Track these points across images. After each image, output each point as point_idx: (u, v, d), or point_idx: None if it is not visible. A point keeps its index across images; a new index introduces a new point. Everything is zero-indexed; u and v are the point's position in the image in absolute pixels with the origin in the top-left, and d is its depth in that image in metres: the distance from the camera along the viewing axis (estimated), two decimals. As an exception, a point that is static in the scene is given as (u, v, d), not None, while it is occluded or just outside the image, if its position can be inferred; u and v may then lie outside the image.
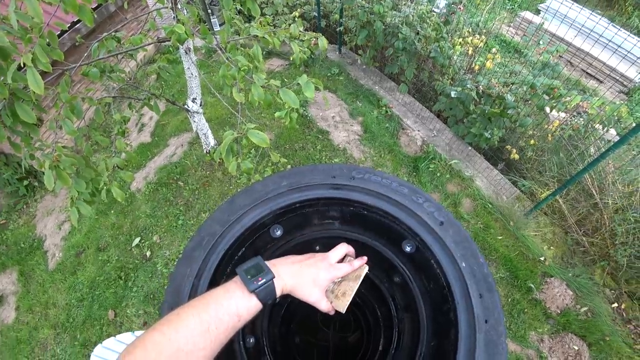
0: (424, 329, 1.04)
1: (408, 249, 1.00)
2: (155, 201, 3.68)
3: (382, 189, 0.90)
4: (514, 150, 3.31)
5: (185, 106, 3.19)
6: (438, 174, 3.51)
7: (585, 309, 2.77)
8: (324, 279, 0.75)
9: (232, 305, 0.63)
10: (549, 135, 3.32)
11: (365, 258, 0.86)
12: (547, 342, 2.71)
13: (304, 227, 1.20)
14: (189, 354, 0.57)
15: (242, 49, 2.38)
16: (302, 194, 0.92)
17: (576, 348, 2.63)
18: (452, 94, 3.30)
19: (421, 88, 4.16)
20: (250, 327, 1.41)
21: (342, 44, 4.54)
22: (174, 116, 4.28)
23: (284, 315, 1.82)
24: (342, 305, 0.78)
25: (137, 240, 3.44)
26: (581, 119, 3.23)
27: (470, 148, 3.61)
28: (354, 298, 0.81)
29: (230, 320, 0.62)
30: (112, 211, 3.74)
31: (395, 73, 3.94)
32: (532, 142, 3.37)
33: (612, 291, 2.88)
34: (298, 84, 1.69)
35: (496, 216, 3.23)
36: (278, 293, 0.68)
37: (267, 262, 0.71)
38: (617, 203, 2.84)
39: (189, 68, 2.97)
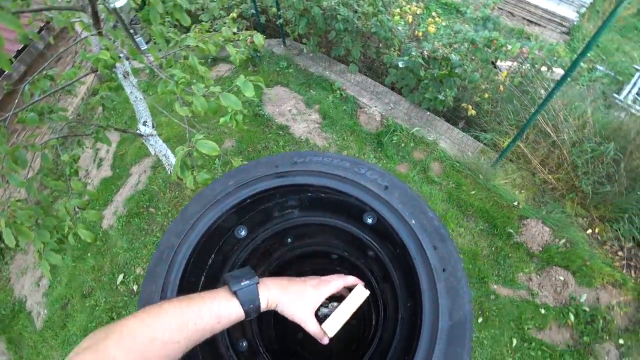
0: (399, 293, 1.07)
1: (370, 220, 1.02)
2: (130, 233, 3.58)
3: (325, 168, 0.91)
4: (470, 107, 3.40)
5: (138, 131, 3.10)
6: (402, 145, 3.57)
7: (563, 241, 2.91)
8: (311, 295, 0.73)
9: (215, 305, 0.62)
10: (500, 85, 3.43)
11: (362, 282, 0.84)
12: (535, 279, 2.83)
13: (266, 222, 1.20)
14: (163, 344, 0.56)
15: (183, 61, 2.32)
16: (250, 189, 0.92)
17: (562, 278, 2.76)
18: (400, 65, 3.35)
19: (371, 65, 4.19)
20: (241, 332, 1.40)
21: (285, 36, 4.50)
22: (130, 144, 4.15)
23: (276, 316, 1.82)
24: (332, 328, 0.75)
25: (120, 277, 3.35)
26: (527, 65, 3.35)
27: (428, 113, 3.68)
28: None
29: (210, 320, 0.61)
30: (89, 254, 3.62)
31: (343, 55, 3.95)
32: (485, 95, 3.47)
33: (584, 219, 3.03)
34: (237, 86, 1.67)
35: (465, 173, 3.33)
36: (262, 304, 0.67)
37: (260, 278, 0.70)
38: (572, 137, 2.97)
39: (131, 92, 2.87)
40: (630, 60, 5.55)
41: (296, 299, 0.71)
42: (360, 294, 0.78)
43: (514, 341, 2.63)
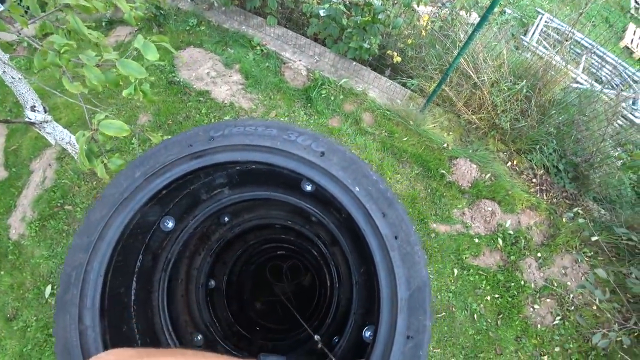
0: (350, 258, 1.04)
1: (308, 188, 0.93)
2: (49, 239, 3.13)
3: (248, 139, 0.79)
4: (395, 54, 3.38)
5: (27, 119, 2.58)
6: (332, 98, 3.48)
7: (488, 175, 3.17)
8: None
9: None
10: (422, 30, 3.43)
11: None
12: (467, 213, 3.09)
13: (194, 207, 1.06)
14: None
15: (65, 26, 1.89)
16: (162, 178, 0.77)
17: (490, 209, 3.05)
18: (322, 13, 3.16)
19: (290, 16, 3.91)
20: (192, 325, 1.29)
21: (191, -10, 3.97)
22: (22, 135, 3.50)
23: (228, 294, 1.74)
24: None
25: (48, 288, 2.96)
26: (446, 9, 3.37)
27: (355, 63, 3.60)
28: (290, 246, 0.73)
29: None
30: (2, 272, 3.13)
31: (258, 7, 3.61)
32: (409, 41, 3.46)
33: (505, 153, 3.32)
34: (136, 49, 1.39)
35: (396, 120, 3.39)
36: None
37: None
38: (491, 78, 3.13)
39: (4, 72, 2.33)
40: (534, 3, 5.96)
41: None
42: None
43: (455, 271, 2.90)
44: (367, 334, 0.89)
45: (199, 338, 1.26)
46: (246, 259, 1.93)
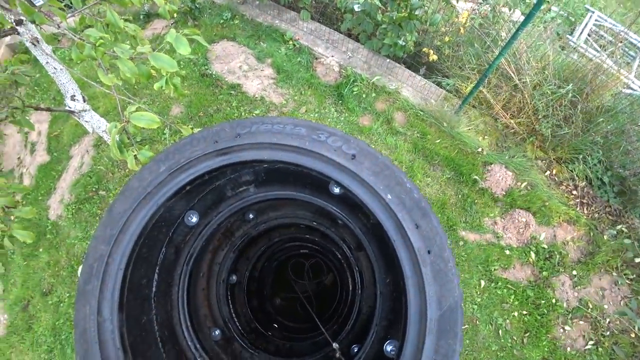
0: (376, 266, 0.98)
1: (337, 190, 0.89)
2: (83, 221, 3.28)
3: (276, 137, 0.75)
4: (431, 52, 3.25)
5: (67, 108, 2.69)
6: (364, 95, 3.40)
7: (524, 184, 3.00)
8: None
9: None
10: (461, 28, 3.28)
11: None
12: (499, 223, 2.93)
13: (219, 203, 1.04)
14: None
15: (102, 19, 1.94)
16: (186, 174, 0.75)
17: (524, 220, 2.88)
18: (356, 8, 3.08)
19: (324, 10, 3.85)
20: (212, 320, 1.29)
21: (227, -17, 3.99)
22: (64, 122, 3.67)
23: (249, 289, 1.73)
24: None
25: (81, 268, 3.10)
26: (487, 5, 3.20)
27: (388, 60, 3.50)
28: (313, 246, 0.69)
29: None
30: (41, 250, 3.32)
31: (292, 1, 3.58)
32: (446, 39, 3.32)
33: (543, 161, 3.12)
34: (169, 43, 1.40)
35: (429, 121, 3.26)
36: None
37: None
38: (533, 80, 2.95)
39: (47, 62, 2.44)
40: (583, 0, 5.56)
41: None
42: None
43: (482, 282, 2.76)
44: (389, 348, 0.84)
45: (216, 333, 1.26)
46: (269, 255, 1.92)
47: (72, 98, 2.65)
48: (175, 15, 4.06)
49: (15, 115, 2.24)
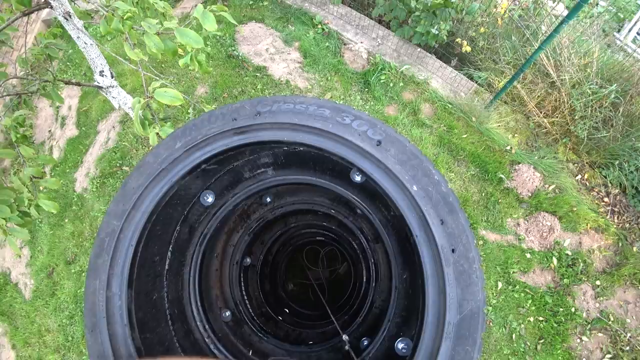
0: (394, 261, 0.95)
1: (358, 178, 0.85)
2: (107, 195, 3.39)
3: (297, 118, 0.72)
4: (465, 43, 3.10)
5: (96, 83, 2.74)
6: (391, 84, 3.30)
7: (553, 186, 2.85)
8: None
9: None
10: (499, 19, 3.10)
11: None
12: (522, 225, 2.82)
13: (235, 185, 1.03)
14: None
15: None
16: (202, 152, 0.73)
17: (549, 224, 2.75)
18: (389, -5, 2.97)
19: (356, -5, 3.74)
20: (223, 301, 1.29)
21: (258, -37, 3.92)
22: (94, 98, 3.76)
23: (262, 274, 1.73)
24: None
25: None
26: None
27: (419, 50, 3.37)
28: (329, 234, 0.67)
29: None
30: (66, 220, 3.46)
31: (324, -16, 3.49)
32: (482, 30, 3.16)
33: (575, 165, 2.96)
34: (195, 18, 1.37)
35: (457, 115, 3.14)
36: None
37: None
38: (573, 78, 2.77)
39: (79, 37, 2.48)
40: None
41: None
42: None
43: (499, 284, 2.68)
44: (401, 345, 0.81)
45: (227, 314, 1.26)
46: (285, 240, 1.92)
47: (101, 74, 2.69)
48: (204, -6, 4.04)
49: (46, 88, 2.30)
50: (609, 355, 2.50)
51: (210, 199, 0.96)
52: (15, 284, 3.50)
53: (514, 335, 2.59)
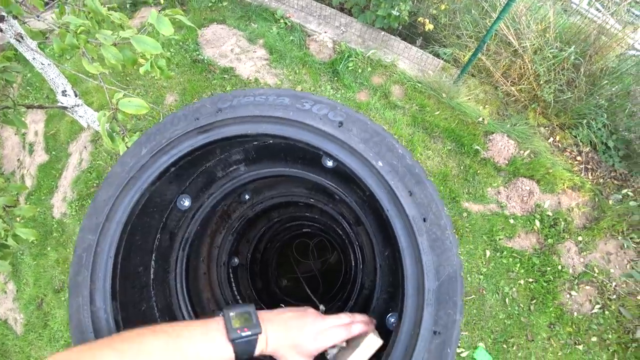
0: (374, 240, 0.97)
1: (330, 163, 0.86)
2: (87, 216, 3.30)
3: (258, 110, 0.72)
4: (427, 21, 3.14)
5: (59, 104, 2.66)
6: (360, 71, 3.32)
7: (527, 152, 2.95)
8: (309, 347, 0.64)
9: (206, 349, 0.56)
10: (456, -7, 3.16)
11: (373, 324, 0.73)
12: (503, 192, 2.90)
13: (210, 185, 1.02)
14: None
15: (83, 7, 1.88)
16: (168, 155, 0.73)
17: (528, 188, 2.85)
18: (347, -18, 2.98)
19: (315, -14, 3.73)
20: (213, 300, 1.29)
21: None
22: (60, 120, 3.65)
23: (252, 270, 1.74)
24: None
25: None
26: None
27: (383, 33, 3.39)
28: (314, 224, 0.68)
29: None
30: (49, 248, 3.36)
31: (282, -22, 3.46)
32: (442, 7, 3.21)
33: (546, 128, 3.06)
34: (150, 24, 1.35)
35: (428, 93, 3.19)
36: (257, 352, 0.61)
37: (258, 312, 0.64)
38: (534, 44, 2.85)
39: (34, 58, 2.40)
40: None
41: (293, 351, 0.64)
42: (371, 345, 0.67)
43: (487, 252, 2.76)
44: (391, 320, 0.83)
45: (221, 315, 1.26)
46: (271, 236, 1.92)
47: (64, 93, 2.61)
48: (162, 1, 3.95)
49: (7, 114, 2.22)
50: (597, 306, 2.62)
51: (187, 202, 0.95)
52: (5, 321, 3.39)
53: (507, 300, 2.68)
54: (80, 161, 3.43)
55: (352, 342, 0.69)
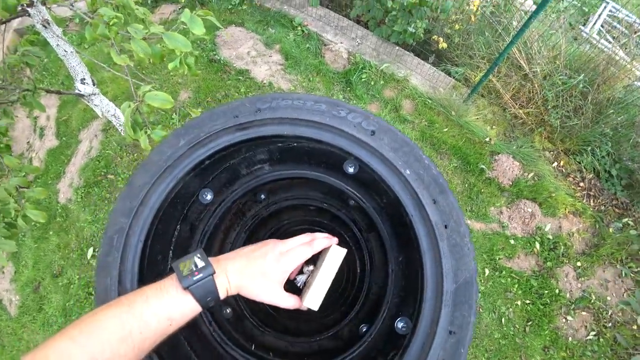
0: (389, 245, 1.00)
1: (351, 169, 0.90)
2: (92, 205, 3.32)
3: (296, 113, 0.76)
4: (441, 40, 3.22)
5: (77, 91, 2.70)
6: (372, 83, 3.39)
7: (531, 174, 2.99)
8: (275, 271, 0.63)
9: (163, 306, 0.54)
10: (472, 16, 3.24)
11: (335, 239, 0.74)
12: (505, 212, 2.94)
13: (233, 182, 1.06)
14: None
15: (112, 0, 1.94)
16: (206, 148, 0.76)
17: (530, 210, 2.89)
18: (367, -5, 3.06)
19: (334, -3, 3.82)
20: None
21: (235, -33, 3.95)
22: (73, 107, 3.69)
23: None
24: (315, 301, 0.67)
25: (90, 251, 3.17)
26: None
27: (398, 48, 3.47)
28: (323, 229, 0.71)
29: (159, 325, 0.53)
30: (51, 233, 3.37)
31: (302, -13, 3.55)
32: (456, 26, 3.29)
33: (551, 152, 3.11)
34: (183, 23, 1.40)
35: (437, 110, 3.25)
36: (221, 293, 0.58)
37: (210, 258, 0.61)
38: (544, 70, 2.92)
39: (58, 45, 2.44)
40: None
41: (258, 278, 0.62)
42: (337, 256, 0.70)
43: (487, 271, 2.79)
44: (400, 324, 0.86)
45: (228, 311, 1.28)
46: (279, 237, 1.94)
47: (82, 81, 2.66)
48: (182, 0, 4.03)
49: (26, 97, 2.26)
50: (593, 332, 2.64)
51: (209, 196, 0.99)
52: (0, 301, 3.38)
53: (503, 320, 2.70)
54: (89, 149, 3.46)
55: (317, 263, 0.71)
